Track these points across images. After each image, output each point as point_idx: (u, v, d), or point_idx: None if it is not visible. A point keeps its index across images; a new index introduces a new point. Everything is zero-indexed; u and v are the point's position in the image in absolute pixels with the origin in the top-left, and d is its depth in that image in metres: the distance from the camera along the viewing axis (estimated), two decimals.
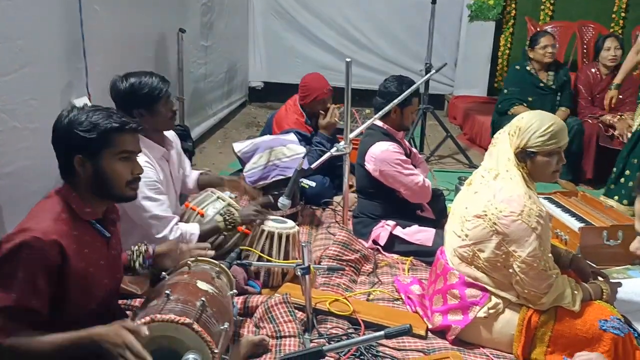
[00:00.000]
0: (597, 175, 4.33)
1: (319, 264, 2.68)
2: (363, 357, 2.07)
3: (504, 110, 4.56)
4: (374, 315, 2.32)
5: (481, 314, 2.14)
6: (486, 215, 2.07)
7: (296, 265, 2.14)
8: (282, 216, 2.77)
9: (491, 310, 2.13)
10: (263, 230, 2.54)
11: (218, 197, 2.71)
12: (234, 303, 2.02)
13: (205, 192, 2.79)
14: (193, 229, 2.42)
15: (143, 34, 3.61)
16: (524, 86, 4.56)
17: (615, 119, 4.32)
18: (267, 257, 2.49)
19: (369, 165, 3.00)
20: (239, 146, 3.45)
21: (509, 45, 6.26)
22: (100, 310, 1.70)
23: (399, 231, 2.97)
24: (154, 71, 2.44)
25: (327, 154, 2.94)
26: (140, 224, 2.33)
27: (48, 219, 1.59)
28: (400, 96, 2.96)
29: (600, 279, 2.26)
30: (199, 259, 1.94)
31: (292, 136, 3.56)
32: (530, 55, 4.54)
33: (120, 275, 1.89)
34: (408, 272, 2.79)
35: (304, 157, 2.86)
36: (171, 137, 2.62)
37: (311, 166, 2.95)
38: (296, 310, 2.23)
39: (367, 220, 3.09)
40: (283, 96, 4.31)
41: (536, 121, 2.06)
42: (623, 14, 5.94)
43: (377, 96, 3.11)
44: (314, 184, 3.53)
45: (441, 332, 2.26)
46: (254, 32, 6.57)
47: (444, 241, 2.35)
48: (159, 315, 1.51)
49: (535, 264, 2.01)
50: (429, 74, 3.86)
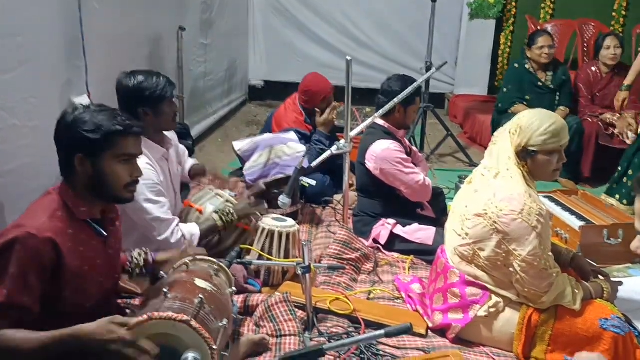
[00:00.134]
0: (596, 174, 4.33)
1: (320, 262, 2.68)
2: (363, 356, 2.06)
3: (504, 109, 4.55)
4: (374, 314, 2.32)
5: (482, 313, 2.13)
6: (486, 213, 2.07)
7: (296, 264, 2.14)
8: (283, 215, 2.76)
9: (492, 309, 2.13)
10: (263, 229, 2.53)
11: (216, 194, 2.70)
12: (233, 302, 2.02)
13: (204, 190, 2.79)
14: (193, 229, 2.41)
15: (143, 32, 3.61)
16: (523, 85, 4.55)
17: (615, 118, 4.31)
18: (268, 256, 2.48)
19: (370, 164, 2.99)
20: (239, 145, 3.44)
21: (509, 43, 6.24)
22: (99, 310, 1.69)
23: (400, 230, 2.97)
24: (153, 70, 2.44)
25: (328, 153, 2.93)
26: (141, 225, 2.32)
27: (43, 216, 1.59)
28: (399, 93, 2.96)
29: (601, 277, 2.25)
30: (197, 257, 1.94)
31: (293, 135, 3.55)
32: (528, 55, 4.54)
33: (118, 274, 1.88)
34: (408, 271, 2.79)
35: (304, 156, 2.85)
36: (169, 135, 2.62)
37: (311, 165, 2.95)
38: (296, 309, 2.23)
39: (368, 218, 3.09)
40: (283, 95, 4.30)
41: (537, 120, 2.05)
42: (624, 12, 5.93)
43: (380, 95, 3.10)
44: (314, 182, 3.52)
45: (441, 331, 2.26)
46: (254, 30, 6.57)
47: (445, 240, 2.35)
48: (156, 314, 1.50)
49: (536, 262, 2.01)
50: (430, 73, 3.84)
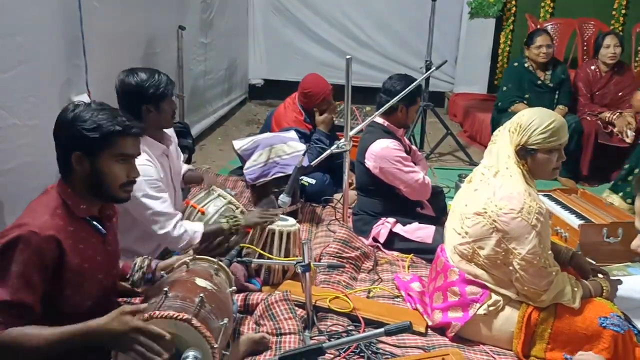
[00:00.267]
0: (595, 172, 4.33)
1: (319, 261, 2.68)
2: (363, 354, 2.07)
3: (504, 107, 4.55)
4: (374, 312, 2.32)
5: (481, 311, 2.14)
6: (486, 212, 2.07)
7: (296, 263, 2.14)
8: (283, 214, 2.77)
9: (491, 308, 2.13)
10: (263, 228, 2.53)
11: (219, 195, 2.71)
12: (233, 300, 2.02)
13: (206, 190, 2.79)
14: (197, 227, 2.42)
15: (143, 31, 3.61)
16: (522, 83, 4.54)
17: (615, 116, 4.31)
18: (268, 255, 2.48)
19: (369, 163, 2.99)
20: (239, 144, 3.44)
21: (509, 42, 6.24)
22: (98, 308, 1.69)
23: (399, 228, 2.97)
24: (161, 71, 2.45)
25: (328, 152, 2.93)
26: (142, 221, 2.33)
27: (45, 214, 1.59)
28: (402, 93, 2.96)
29: (600, 276, 2.26)
30: (197, 257, 1.94)
31: (293, 133, 3.55)
32: (526, 54, 4.53)
33: (116, 271, 1.89)
34: (408, 270, 2.80)
35: (303, 155, 2.86)
36: (169, 132, 2.63)
37: (311, 163, 2.95)
38: (296, 308, 2.24)
39: (367, 217, 3.09)
40: (283, 93, 4.30)
41: (537, 118, 2.06)
42: (623, 11, 5.92)
43: (382, 93, 3.09)
44: (314, 181, 3.53)
45: (441, 329, 2.27)
46: (254, 29, 6.56)
47: (444, 239, 2.35)
48: (157, 312, 1.51)
49: (535, 261, 2.01)
50: (429, 71, 3.84)
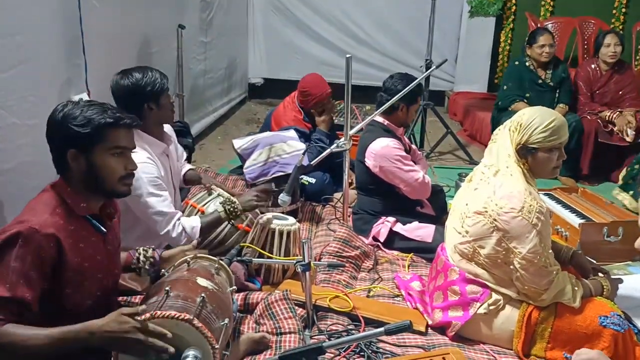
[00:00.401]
0: (595, 171, 4.33)
1: (319, 260, 2.68)
2: (363, 354, 2.07)
3: (504, 106, 4.54)
4: (374, 311, 2.32)
5: (481, 310, 2.14)
6: (486, 211, 2.07)
7: (296, 262, 2.14)
8: (283, 213, 2.76)
9: (491, 307, 2.13)
10: (263, 227, 2.53)
11: (218, 194, 2.71)
12: (234, 299, 2.02)
13: (205, 190, 2.79)
14: (194, 222, 2.41)
15: (142, 31, 3.61)
16: (523, 82, 4.54)
17: (615, 115, 4.31)
18: (268, 254, 2.48)
19: (369, 162, 2.99)
20: (239, 143, 3.44)
21: (509, 41, 6.24)
22: (98, 308, 1.70)
23: (399, 228, 2.97)
24: (152, 67, 2.44)
25: (327, 151, 2.93)
26: (144, 219, 2.33)
27: (45, 212, 1.59)
28: (402, 92, 2.96)
29: (601, 275, 2.26)
30: (198, 255, 1.94)
31: (292, 133, 3.55)
32: (528, 53, 4.52)
33: (118, 270, 1.88)
34: (408, 269, 2.79)
35: (303, 154, 2.86)
36: (169, 131, 2.63)
37: (311, 163, 2.95)
38: (296, 307, 2.24)
39: (367, 216, 3.09)
40: (283, 92, 4.29)
41: (537, 117, 2.06)
42: (624, 10, 5.92)
43: (383, 92, 3.09)
44: (314, 180, 3.53)
45: (441, 329, 2.26)
46: (254, 28, 6.56)
47: (445, 238, 2.35)
48: (159, 312, 1.50)
49: (536, 260, 2.01)
50: (430, 70, 3.84)
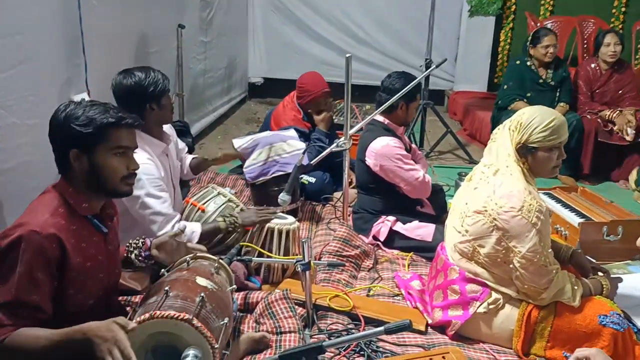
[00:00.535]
0: (595, 170, 4.33)
1: (319, 259, 2.69)
2: (363, 353, 2.07)
3: (504, 105, 4.54)
4: (374, 310, 2.32)
5: (481, 310, 2.14)
6: (486, 210, 2.07)
7: (296, 261, 2.14)
8: (282, 212, 2.77)
9: (491, 306, 2.13)
10: (263, 226, 2.53)
11: (219, 193, 2.72)
12: (233, 299, 2.02)
13: (206, 188, 2.80)
14: (195, 227, 2.42)
15: (142, 30, 3.60)
16: (524, 82, 4.53)
17: (615, 114, 4.31)
18: (268, 253, 2.48)
19: (370, 160, 2.99)
20: (239, 142, 3.44)
21: (509, 40, 6.24)
22: (99, 307, 1.70)
23: (399, 227, 2.97)
24: (154, 68, 2.44)
25: (327, 150, 2.93)
26: (142, 221, 2.33)
27: (45, 213, 1.59)
28: (402, 90, 2.96)
29: (601, 274, 2.26)
30: (197, 255, 1.94)
31: (292, 132, 3.54)
32: (531, 52, 4.50)
33: (118, 270, 1.89)
34: (408, 268, 2.80)
35: (303, 153, 2.86)
36: (168, 130, 2.63)
37: (311, 162, 2.95)
38: (296, 306, 2.24)
39: (368, 215, 3.09)
40: (283, 92, 4.29)
41: (537, 116, 2.06)
42: (623, 9, 5.92)
43: (382, 92, 3.09)
44: (313, 180, 3.53)
45: (441, 328, 2.27)
46: (254, 28, 6.56)
47: (444, 237, 2.35)
48: (158, 312, 1.50)
49: (536, 259, 2.01)
50: (429, 70, 3.84)
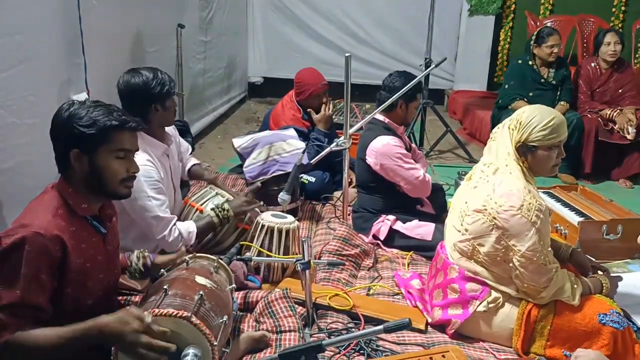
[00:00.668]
0: (596, 169, 4.33)
1: (319, 259, 2.69)
2: (363, 352, 2.07)
3: (505, 105, 4.53)
4: (373, 309, 2.32)
5: (481, 308, 2.14)
6: (486, 209, 2.07)
7: (296, 261, 2.14)
8: (282, 211, 2.77)
9: (491, 305, 2.13)
10: (263, 226, 2.54)
11: (217, 193, 2.72)
12: (233, 298, 2.02)
13: (205, 189, 2.80)
14: (190, 227, 2.42)
15: (142, 30, 3.60)
16: (525, 81, 4.53)
17: (615, 113, 4.31)
18: (267, 252, 2.49)
19: (370, 159, 2.99)
20: (239, 142, 3.44)
21: (508, 39, 6.23)
22: (99, 307, 1.70)
23: (399, 226, 2.97)
24: (152, 67, 2.45)
25: (327, 149, 2.93)
26: (140, 223, 2.33)
27: (47, 214, 1.59)
28: (400, 89, 2.96)
29: (600, 273, 2.26)
30: (197, 254, 1.95)
31: (292, 132, 3.54)
32: (535, 52, 4.47)
33: (117, 270, 1.89)
34: (408, 267, 2.80)
35: (303, 153, 2.86)
36: (170, 130, 2.63)
37: (310, 161, 2.95)
38: (296, 305, 2.24)
39: (367, 215, 3.09)
40: (282, 91, 4.29)
41: (537, 115, 2.06)
42: (623, 8, 5.92)
43: (382, 90, 3.09)
44: (313, 179, 3.53)
45: (441, 326, 2.27)
46: (253, 28, 6.56)
47: (444, 236, 2.35)
48: (157, 310, 1.51)
49: (535, 258, 2.01)
50: (429, 69, 3.84)
